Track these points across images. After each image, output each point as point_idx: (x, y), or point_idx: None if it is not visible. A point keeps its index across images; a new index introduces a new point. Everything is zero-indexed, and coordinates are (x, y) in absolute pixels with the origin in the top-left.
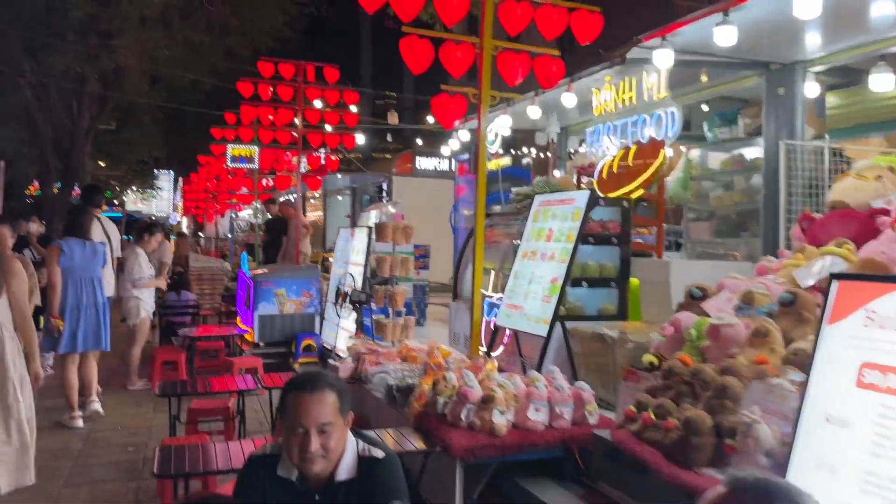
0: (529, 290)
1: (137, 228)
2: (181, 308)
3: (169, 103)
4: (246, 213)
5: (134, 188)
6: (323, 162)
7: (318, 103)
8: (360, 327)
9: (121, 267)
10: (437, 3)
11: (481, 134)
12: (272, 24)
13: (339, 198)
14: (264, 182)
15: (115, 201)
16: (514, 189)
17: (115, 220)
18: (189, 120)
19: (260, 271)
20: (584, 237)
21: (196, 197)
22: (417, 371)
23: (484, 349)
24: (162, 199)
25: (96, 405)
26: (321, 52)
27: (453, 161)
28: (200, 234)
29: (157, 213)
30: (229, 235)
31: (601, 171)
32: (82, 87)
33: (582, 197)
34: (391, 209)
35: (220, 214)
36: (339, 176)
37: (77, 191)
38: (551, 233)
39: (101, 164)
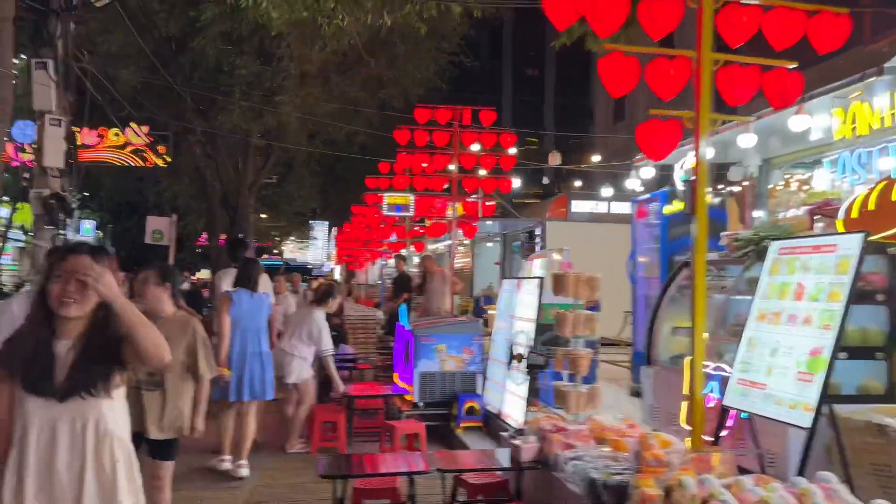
0: (774, 364)
1: (319, 293)
2: (339, 363)
3: (326, 155)
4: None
5: (292, 237)
6: (479, 209)
7: (474, 147)
8: (535, 394)
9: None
10: (643, 12)
11: (700, 163)
12: (423, 75)
13: (489, 245)
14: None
15: (275, 250)
16: (724, 234)
17: (274, 268)
18: (344, 172)
19: (420, 324)
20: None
21: (349, 246)
22: (623, 461)
23: (708, 438)
24: (317, 248)
25: (244, 470)
26: (468, 100)
27: (631, 203)
28: (353, 280)
29: (312, 262)
30: (378, 282)
31: (849, 210)
32: (247, 143)
33: (851, 242)
34: (557, 257)
35: (370, 262)
36: (489, 222)
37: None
38: (802, 289)
39: (263, 216)
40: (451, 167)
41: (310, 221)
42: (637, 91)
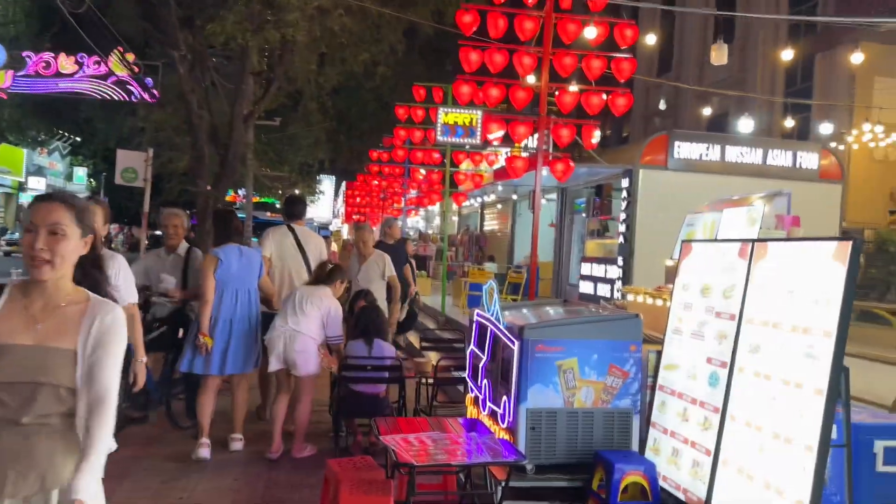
0: None
1: (328, 273)
2: (372, 368)
3: (338, 92)
4: (418, 220)
5: (297, 192)
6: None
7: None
8: None
9: None
10: None
11: None
12: None
13: (543, 201)
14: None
15: (278, 205)
16: None
17: (276, 225)
18: (358, 121)
19: (529, 318)
20: None
21: (361, 202)
22: None
23: None
24: (323, 205)
25: (238, 444)
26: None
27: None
28: None
29: (318, 220)
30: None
31: None
32: (243, 64)
33: None
34: (764, 208)
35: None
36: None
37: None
38: None
39: (266, 169)
40: (531, 79)
41: (318, 176)
42: None
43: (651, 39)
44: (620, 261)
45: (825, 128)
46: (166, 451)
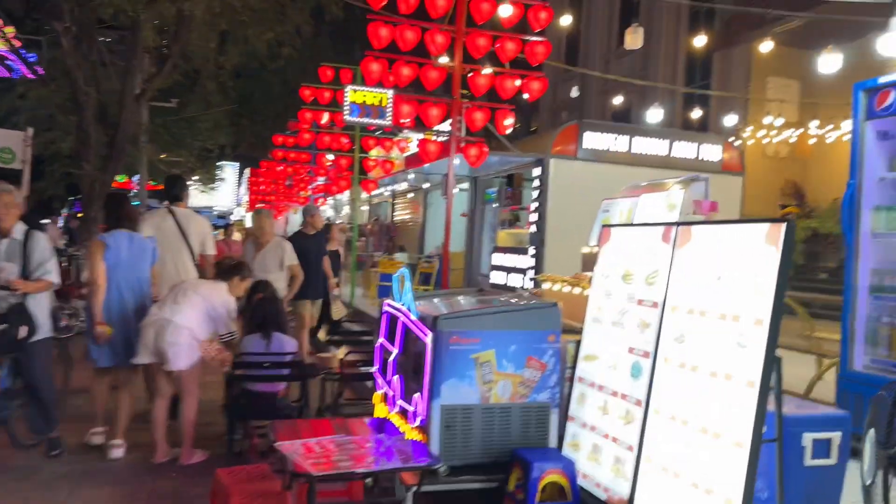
0: None
1: (226, 268)
2: (270, 365)
3: (240, 75)
4: (326, 209)
5: (196, 178)
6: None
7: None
8: None
9: None
10: None
11: None
12: None
13: (456, 190)
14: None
15: None
16: None
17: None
18: (261, 105)
19: (442, 308)
20: None
21: (266, 189)
22: None
23: None
24: (224, 193)
25: (118, 451)
26: None
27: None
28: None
29: (219, 208)
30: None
31: None
32: (135, 38)
33: None
34: (680, 191)
35: (292, 210)
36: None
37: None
38: None
39: (163, 156)
40: (444, 59)
41: (218, 162)
42: None
43: (566, 21)
44: (532, 250)
45: (729, 119)
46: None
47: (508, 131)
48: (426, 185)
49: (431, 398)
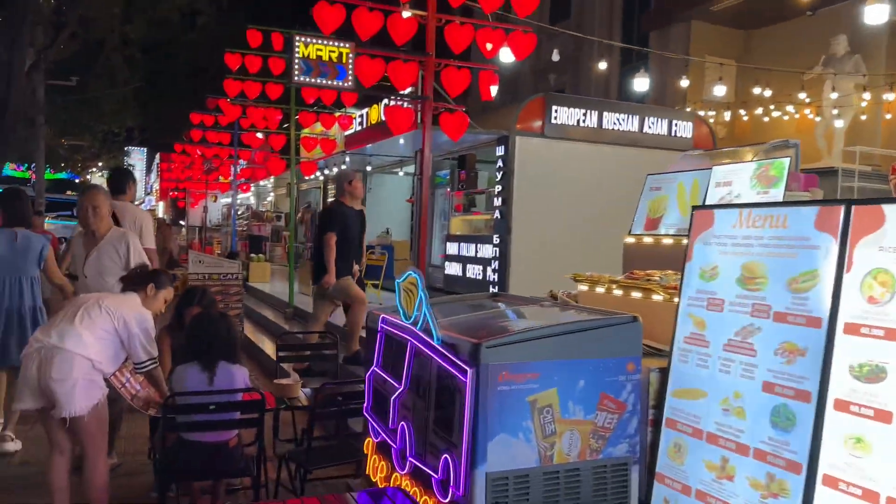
0: None
1: (134, 276)
2: (217, 407)
3: (147, 50)
4: (249, 196)
5: (100, 164)
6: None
7: None
8: None
9: None
10: None
11: None
12: None
13: (400, 173)
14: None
15: (78, 180)
16: None
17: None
18: (173, 81)
19: (477, 328)
20: None
21: (181, 176)
22: None
23: None
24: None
25: (10, 444)
26: None
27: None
28: (182, 222)
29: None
30: (224, 224)
31: None
32: (24, 3)
33: None
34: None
35: (211, 197)
36: (402, 141)
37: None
38: None
39: (63, 141)
40: (407, 14)
41: (125, 147)
42: None
43: None
44: (497, 238)
45: (670, 98)
46: None
47: (493, 95)
48: (369, 168)
49: (474, 463)
